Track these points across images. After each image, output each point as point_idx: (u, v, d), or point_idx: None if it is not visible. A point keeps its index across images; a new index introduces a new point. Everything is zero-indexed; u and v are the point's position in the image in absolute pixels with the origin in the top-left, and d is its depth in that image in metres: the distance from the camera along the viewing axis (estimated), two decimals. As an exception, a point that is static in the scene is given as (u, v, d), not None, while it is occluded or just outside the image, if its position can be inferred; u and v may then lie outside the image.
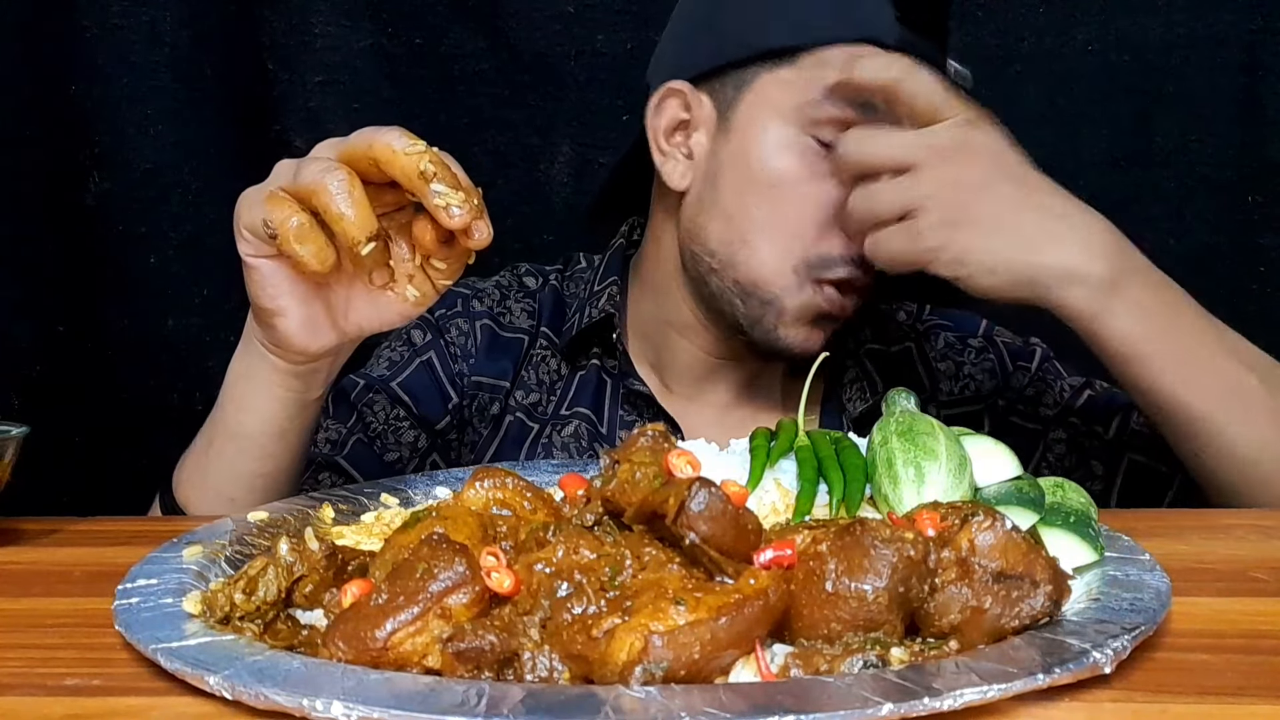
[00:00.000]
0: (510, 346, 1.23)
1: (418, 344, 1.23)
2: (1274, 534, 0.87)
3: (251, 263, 0.85)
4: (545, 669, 0.57)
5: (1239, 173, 1.36)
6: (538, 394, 1.21)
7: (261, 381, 0.92)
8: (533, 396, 1.21)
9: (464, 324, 1.24)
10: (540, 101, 1.39)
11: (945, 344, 1.26)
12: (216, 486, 0.96)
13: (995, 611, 0.60)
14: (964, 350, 1.25)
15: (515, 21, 1.37)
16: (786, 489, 0.77)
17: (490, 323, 1.24)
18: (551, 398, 1.21)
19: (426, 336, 1.23)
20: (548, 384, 1.22)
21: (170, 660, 0.58)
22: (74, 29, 1.33)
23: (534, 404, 1.21)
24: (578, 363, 1.23)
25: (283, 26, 1.36)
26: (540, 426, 1.20)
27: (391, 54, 1.38)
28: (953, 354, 1.25)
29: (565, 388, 1.22)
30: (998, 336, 1.27)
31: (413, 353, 1.23)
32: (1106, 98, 1.36)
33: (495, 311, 1.25)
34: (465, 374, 1.22)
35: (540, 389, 1.22)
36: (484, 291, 1.27)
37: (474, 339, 1.23)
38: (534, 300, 1.27)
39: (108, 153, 1.36)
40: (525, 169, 1.41)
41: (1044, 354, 1.25)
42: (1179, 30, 1.34)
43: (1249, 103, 1.35)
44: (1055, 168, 1.38)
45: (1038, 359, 1.25)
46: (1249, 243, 1.37)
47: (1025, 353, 1.26)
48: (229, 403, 0.95)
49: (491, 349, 1.23)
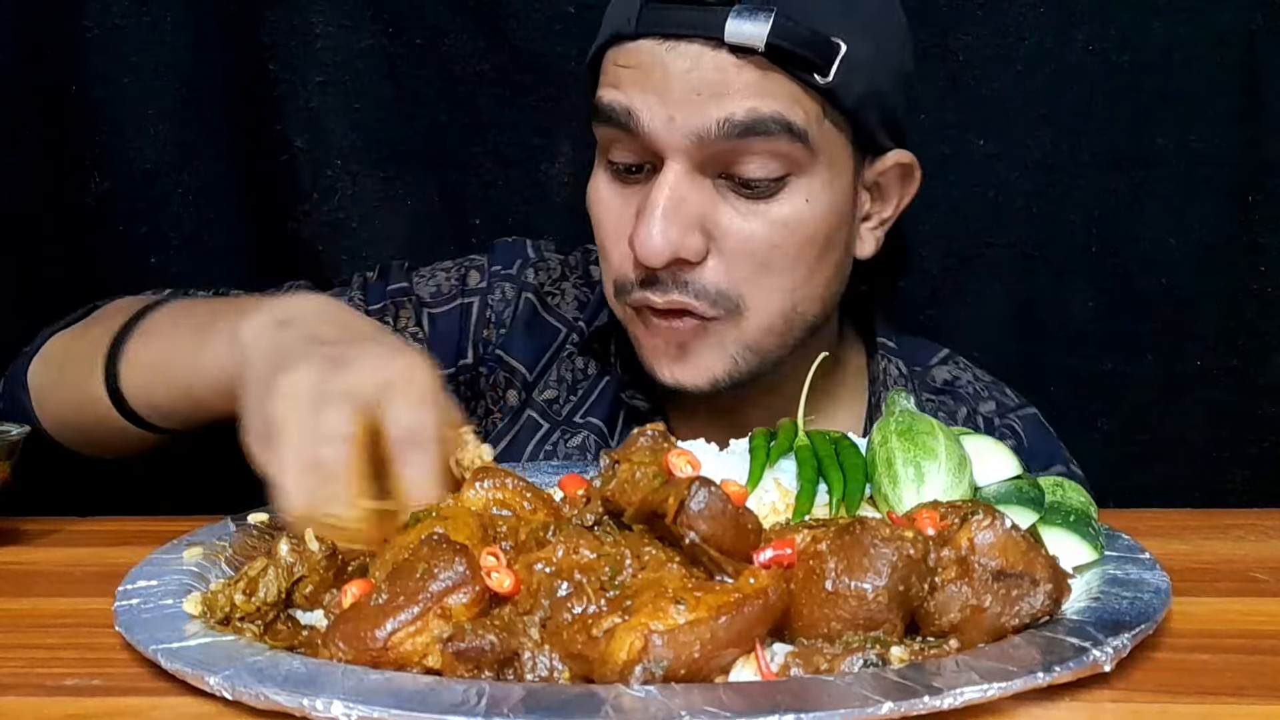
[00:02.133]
0: (546, 333, 1.17)
1: (469, 286, 1.18)
2: (1274, 534, 0.87)
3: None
4: (545, 669, 0.57)
5: (1239, 173, 1.36)
6: (557, 391, 1.16)
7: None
8: (551, 393, 1.16)
9: (510, 291, 1.17)
10: (541, 101, 1.39)
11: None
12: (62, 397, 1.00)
13: (995, 610, 0.60)
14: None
15: (516, 22, 1.37)
16: (786, 489, 0.77)
17: (535, 300, 1.17)
18: (571, 398, 1.15)
19: (480, 283, 1.18)
20: (569, 382, 1.16)
21: (170, 661, 0.58)
22: (75, 29, 1.33)
23: (551, 401, 1.15)
24: (606, 363, 1.16)
25: (283, 26, 1.35)
26: (551, 428, 1.14)
27: (392, 54, 1.38)
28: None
29: (588, 390, 1.16)
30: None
31: (460, 292, 1.17)
32: (1106, 98, 1.36)
33: (545, 290, 1.18)
34: (491, 343, 1.16)
35: (561, 386, 1.16)
36: (547, 264, 1.20)
37: (513, 310, 1.17)
38: (592, 291, 1.20)
39: (108, 153, 1.35)
40: (526, 169, 1.41)
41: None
42: (1179, 30, 1.34)
43: (1249, 103, 1.35)
44: (1055, 168, 1.39)
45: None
46: (1249, 243, 1.37)
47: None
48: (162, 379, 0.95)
49: (528, 329, 1.17)
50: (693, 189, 0.96)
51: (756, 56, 0.93)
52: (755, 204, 0.97)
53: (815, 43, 0.94)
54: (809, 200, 0.98)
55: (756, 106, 0.94)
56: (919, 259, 1.38)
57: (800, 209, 0.98)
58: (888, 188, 1.06)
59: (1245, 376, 1.39)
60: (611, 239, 1.02)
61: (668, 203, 0.95)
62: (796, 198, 0.98)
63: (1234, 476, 1.42)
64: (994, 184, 1.38)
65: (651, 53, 0.95)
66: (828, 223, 1.00)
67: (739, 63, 0.93)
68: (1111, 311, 1.40)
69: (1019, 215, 1.39)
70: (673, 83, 0.94)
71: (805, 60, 0.94)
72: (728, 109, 0.93)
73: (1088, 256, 1.39)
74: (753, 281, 0.99)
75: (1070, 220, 1.38)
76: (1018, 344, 1.40)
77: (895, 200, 1.07)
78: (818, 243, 1.00)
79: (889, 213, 1.08)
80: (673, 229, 0.95)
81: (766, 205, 0.97)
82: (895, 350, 1.15)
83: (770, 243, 0.97)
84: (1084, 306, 1.40)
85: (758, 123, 0.94)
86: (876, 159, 1.04)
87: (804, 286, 1.01)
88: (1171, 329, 1.39)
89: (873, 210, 1.07)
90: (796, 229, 0.98)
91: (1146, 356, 1.40)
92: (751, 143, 0.94)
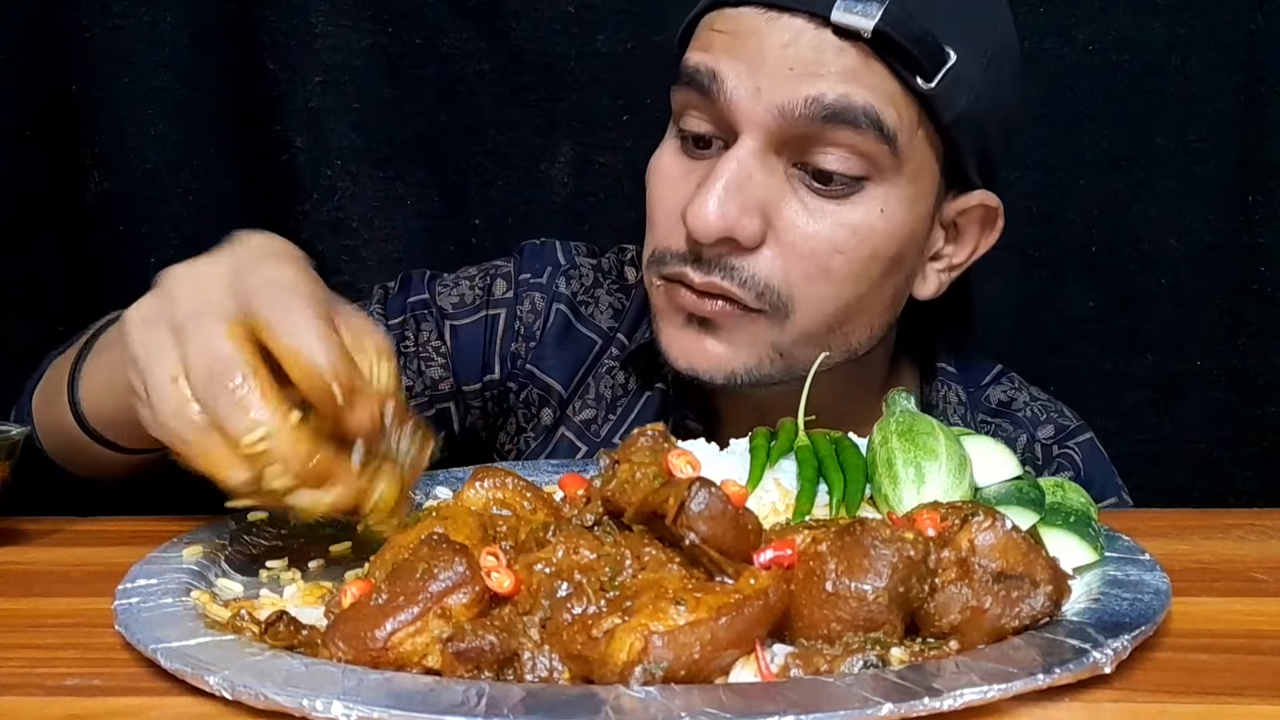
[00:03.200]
0: (580, 346, 1.10)
1: (495, 296, 1.12)
2: (1274, 534, 0.87)
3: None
4: (545, 669, 0.57)
5: (1239, 173, 1.36)
6: (595, 410, 1.09)
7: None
8: (588, 412, 1.09)
9: (540, 301, 1.11)
10: (540, 101, 1.39)
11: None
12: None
13: (995, 611, 0.60)
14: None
15: (515, 22, 1.37)
16: (786, 489, 0.77)
17: (568, 311, 1.11)
18: (609, 417, 1.08)
19: (506, 293, 1.12)
20: (608, 400, 1.09)
21: (170, 660, 0.58)
22: (75, 29, 1.33)
23: (588, 421, 1.09)
24: (651, 379, 1.08)
25: (283, 26, 1.35)
26: (589, 451, 1.08)
27: (391, 54, 1.38)
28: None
29: (627, 409, 1.09)
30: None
31: (485, 302, 1.11)
32: (1106, 98, 1.36)
33: (579, 299, 1.12)
34: (521, 356, 1.10)
35: (599, 405, 1.09)
36: (579, 270, 1.13)
37: (544, 322, 1.10)
38: (627, 297, 1.12)
39: (108, 153, 1.35)
40: (525, 169, 1.41)
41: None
42: (1179, 30, 1.34)
43: (1249, 103, 1.35)
44: (1055, 168, 1.39)
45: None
46: (1249, 243, 1.37)
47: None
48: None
49: (561, 342, 1.10)
50: (762, 170, 0.91)
51: (860, 43, 0.88)
52: (825, 202, 0.91)
53: (925, 43, 0.88)
54: (884, 211, 0.92)
55: (849, 93, 0.88)
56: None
57: (873, 218, 0.91)
58: (966, 230, 1.00)
59: (1245, 376, 1.39)
60: (664, 209, 0.95)
61: (732, 177, 0.89)
62: (871, 205, 0.91)
63: (1234, 476, 1.42)
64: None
65: (751, 21, 0.90)
66: (898, 242, 0.93)
67: (841, 45, 0.88)
68: (1111, 311, 1.40)
69: (1019, 215, 1.38)
70: (767, 54, 0.89)
71: (910, 58, 0.88)
72: (819, 88, 0.88)
73: (1088, 256, 1.39)
74: (806, 285, 0.92)
75: (1070, 220, 1.39)
76: (1018, 344, 1.40)
77: (971, 246, 1.01)
78: (882, 260, 0.93)
79: (961, 258, 1.01)
80: (731, 205, 0.89)
81: (837, 206, 0.91)
82: (954, 375, 1.10)
83: (834, 246, 0.91)
84: (1084, 306, 1.40)
85: (847, 110, 0.88)
86: (961, 195, 0.98)
87: (856, 304, 0.94)
88: (1171, 329, 1.39)
89: (944, 250, 1.01)
90: (866, 238, 0.92)
91: (1146, 356, 1.40)
92: (836, 131, 0.89)
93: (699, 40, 0.94)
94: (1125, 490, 1.10)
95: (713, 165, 0.92)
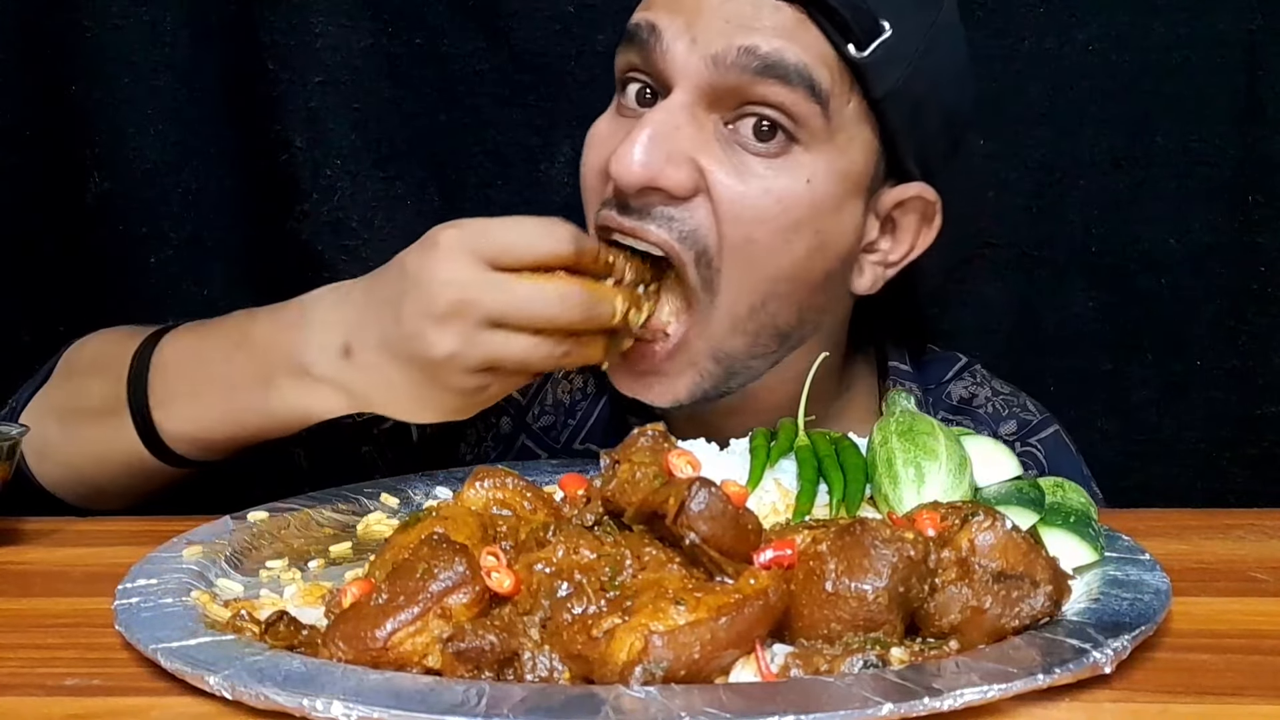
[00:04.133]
0: None
1: None
2: (1274, 534, 0.87)
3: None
4: (545, 669, 0.57)
5: (1239, 173, 1.36)
6: (553, 416, 1.10)
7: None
8: (547, 419, 1.10)
9: None
10: (540, 101, 1.38)
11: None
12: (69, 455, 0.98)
13: (995, 611, 0.60)
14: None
15: (515, 21, 1.37)
16: (786, 489, 0.77)
17: None
18: (569, 422, 1.10)
19: None
20: (566, 405, 1.10)
21: (170, 660, 0.58)
22: (74, 29, 1.33)
23: (547, 428, 1.10)
24: (605, 383, 1.07)
25: (283, 26, 1.35)
26: (550, 456, 1.09)
27: (391, 54, 1.38)
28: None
29: (586, 413, 1.10)
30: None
31: None
32: (1106, 98, 1.36)
33: None
34: None
35: (557, 410, 1.10)
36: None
37: None
38: None
39: (108, 153, 1.35)
40: (525, 169, 1.41)
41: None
42: (1179, 30, 1.34)
43: (1249, 103, 1.35)
44: (1055, 168, 1.39)
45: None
46: (1249, 243, 1.37)
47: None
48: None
49: None
50: (692, 123, 0.90)
51: (796, 3, 0.88)
52: (754, 161, 0.90)
53: (860, 10, 0.89)
54: (810, 181, 0.90)
55: (782, 48, 0.88)
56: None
57: (797, 187, 0.90)
58: (903, 225, 0.98)
59: (1245, 376, 1.39)
60: (593, 170, 0.95)
61: (659, 126, 0.88)
62: (798, 173, 0.90)
63: (1234, 476, 1.42)
64: (994, 184, 1.38)
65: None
66: (825, 216, 0.92)
67: (777, 5, 0.89)
68: (1111, 311, 1.40)
69: (1019, 215, 1.39)
70: (704, 8, 0.89)
71: (844, 24, 0.88)
72: (754, 40, 0.88)
73: (1088, 256, 1.39)
74: (733, 256, 0.90)
75: (1070, 220, 1.38)
76: (1018, 344, 1.40)
77: (909, 243, 0.99)
78: (805, 232, 0.91)
79: (898, 255, 0.99)
80: (657, 152, 0.88)
81: (764, 168, 0.90)
82: (908, 374, 1.10)
83: (757, 214, 0.89)
84: (1084, 306, 1.40)
85: (780, 64, 0.88)
86: (899, 185, 0.97)
87: (782, 281, 0.92)
88: (1171, 329, 1.39)
89: (880, 244, 0.99)
90: (790, 207, 0.90)
91: (1146, 356, 1.40)
92: (768, 86, 0.88)
93: (643, 2, 0.95)
94: (1093, 481, 1.09)
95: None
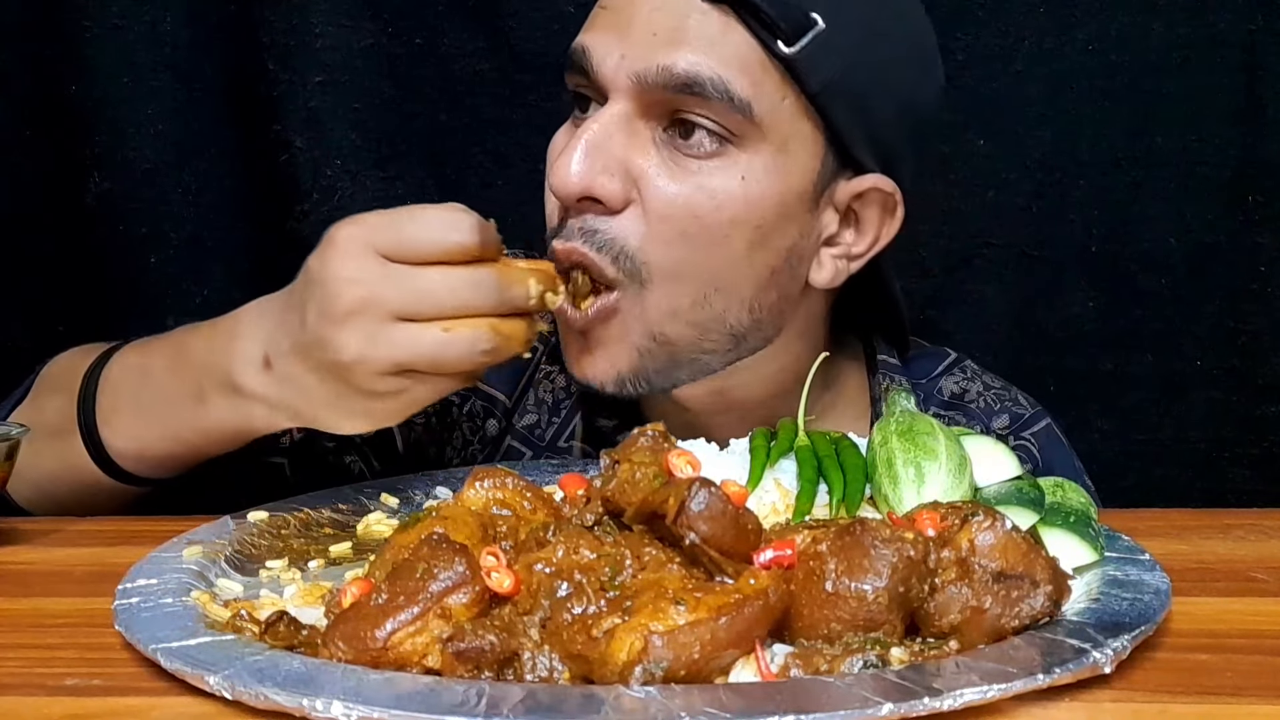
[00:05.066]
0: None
1: None
2: (1274, 534, 0.87)
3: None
4: (545, 669, 0.57)
5: (1239, 173, 1.36)
6: (537, 415, 1.10)
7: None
8: (531, 417, 1.10)
9: None
10: (540, 101, 1.38)
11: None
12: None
13: (995, 611, 0.60)
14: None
15: (515, 21, 1.37)
16: (786, 489, 0.77)
17: None
18: (554, 420, 1.10)
19: None
20: (550, 404, 1.10)
21: (170, 660, 0.58)
22: (74, 29, 1.33)
23: (532, 426, 1.10)
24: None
25: (283, 26, 1.35)
26: (534, 455, 1.09)
27: (391, 54, 1.38)
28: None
29: (570, 411, 1.10)
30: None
31: None
32: (1106, 98, 1.36)
33: None
34: None
35: (541, 409, 1.10)
36: None
37: None
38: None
39: (108, 153, 1.35)
40: (525, 169, 1.41)
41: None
42: (1179, 30, 1.34)
43: (1249, 103, 1.35)
44: (1055, 168, 1.39)
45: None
46: (1249, 243, 1.37)
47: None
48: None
49: None
50: (626, 132, 0.91)
51: (722, 5, 0.89)
52: (689, 162, 0.90)
53: (789, 6, 0.88)
54: (744, 178, 0.90)
55: (699, 64, 0.88)
56: (919, 259, 1.39)
57: (732, 185, 0.90)
58: (865, 217, 0.97)
59: (1245, 376, 1.39)
60: (548, 185, 0.95)
61: (592, 136, 0.90)
62: (732, 172, 0.90)
63: (1234, 476, 1.42)
64: (994, 184, 1.38)
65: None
66: (763, 212, 0.91)
67: (704, 9, 0.89)
68: (1111, 311, 1.40)
69: (1019, 215, 1.39)
70: (635, 22, 0.91)
71: (770, 22, 0.88)
72: (671, 58, 0.89)
73: (1087, 256, 1.39)
74: (663, 250, 0.91)
75: (1070, 220, 1.38)
76: (1018, 344, 1.40)
77: (873, 235, 0.98)
78: (746, 230, 0.91)
79: (862, 247, 0.98)
80: (589, 163, 0.89)
81: (698, 168, 0.90)
82: (898, 367, 1.10)
83: (690, 210, 0.90)
84: (1084, 306, 1.40)
85: (695, 83, 0.88)
86: (855, 177, 0.96)
87: (723, 277, 0.92)
88: (1171, 329, 1.39)
89: (841, 236, 0.98)
90: (724, 204, 0.90)
91: (1146, 356, 1.40)
92: (688, 101, 0.89)
93: (587, 22, 0.96)
94: (1085, 475, 1.10)
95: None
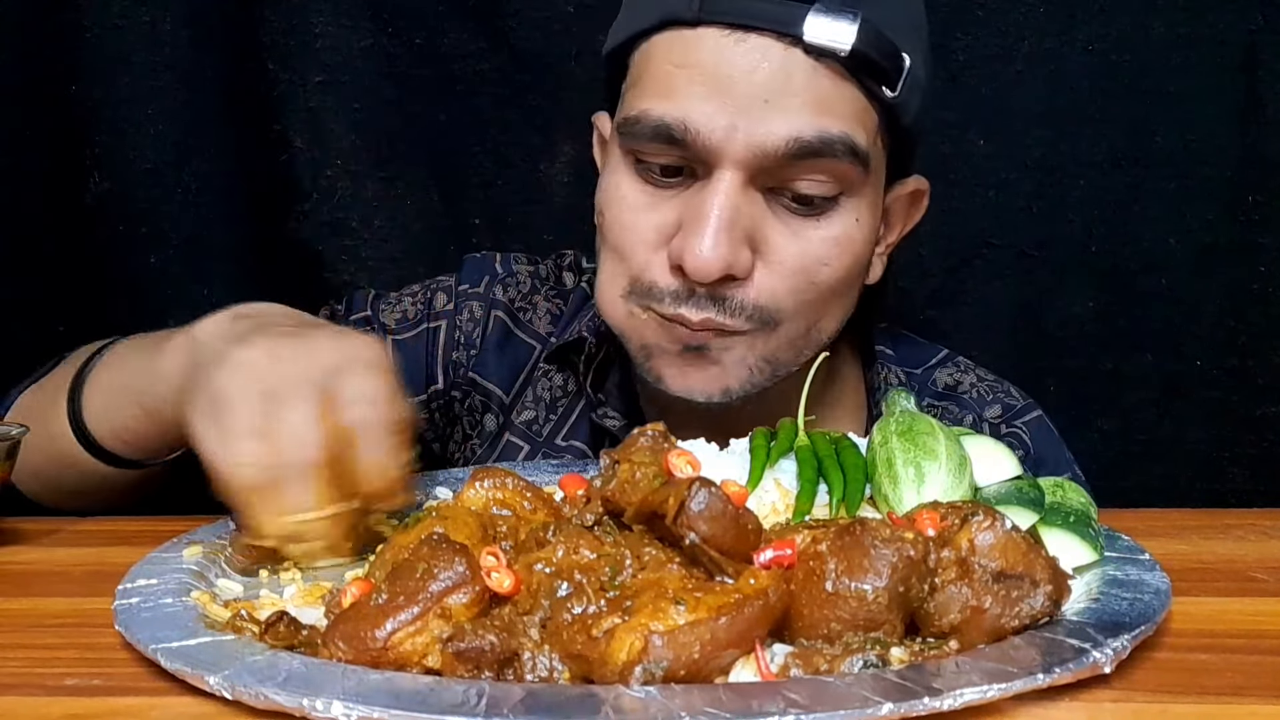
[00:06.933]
0: (520, 351, 1.12)
1: (435, 309, 1.13)
2: (1274, 534, 0.87)
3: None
4: (545, 669, 0.57)
5: (1239, 173, 1.36)
6: (535, 411, 1.11)
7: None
8: (529, 413, 1.11)
9: (479, 309, 1.12)
10: (540, 101, 1.39)
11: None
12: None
13: (995, 611, 0.60)
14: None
15: (515, 21, 1.37)
16: (786, 489, 0.77)
17: (506, 318, 1.12)
18: (551, 417, 1.10)
19: (447, 305, 1.13)
20: (548, 401, 1.10)
21: (170, 660, 0.58)
22: (74, 29, 1.33)
23: (530, 422, 1.10)
24: (580, 378, 1.10)
25: (283, 26, 1.35)
26: (532, 451, 1.10)
27: (391, 54, 1.38)
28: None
29: (568, 409, 1.10)
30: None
31: (426, 315, 1.13)
32: (1106, 98, 1.36)
33: (516, 306, 1.13)
34: (463, 365, 1.11)
35: (539, 406, 1.11)
36: (516, 278, 1.15)
37: (483, 330, 1.12)
38: (565, 301, 1.14)
39: (108, 153, 1.35)
40: (525, 169, 1.41)
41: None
42: (1179, 30, 1.34)
43: (1249, 103, 1.35)
44: (1055, 168, 1.39)
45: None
46: (1249, 243, 1.37)
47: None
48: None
49: (501, 349, 1.11)
50: (745, 201, 0.90)
51: (833, 62, 0.87)
52: (805, 222, 0.92)
53: (891, 54, 0.88)
54: (859, 220, 0.94)
55: (827, 127, 0.88)
56: (919, 258, 1.39)
57: (850, 228, 0.93)
58: (894, 210, 1.03)
59: (1245, 376, 1.39)
60: (637, 238, 0.94)
61: (724, 215, 0.88)
62: (847, 217, 0.93)
63: (1234, 476, 1.42)
64: (994, 184, 1.38)
65: (715, 48, 0.87)
66: (869, 243, 0.97)
67: (812, 65, 0.87)
68: (1111, 311, 1.40)
69: (1019, 215, 1.39)
70: (737, 85, 0.87)
71: (882, 71, 0.88)
72: (796, 127, 0.87)
73: (1088, 256, 1.39)
74: (795, 298, 0.93)
75: (1070, 220, 1.39)
76: (1018, 344, 1.40)
77: (900, 225, 1.04)
78: (862, 262, 0.97)
79: (893, 237, 1.04)
80: (728, 244, 0.88)
81: (816, 223, 0.92)
82: (893, 357, 1.13)
83: (821, 261, 0.93)
84: (1084, 306, 1.40)
85: (825, 146, 0.88)
86: (899, 183, 1.01)
87: (833, 305, 0.97)
88: (1171, 329, 1.39)
89: (885, 236, 1.03)
90: (847, 248, 0.94)
91: (1146, 356, 1.40)
92: (815, 165, 0.89)
93: (656, 81, 0.91)
94: (1076, 464, 1.11)
95: (690, 199, 0.91)
